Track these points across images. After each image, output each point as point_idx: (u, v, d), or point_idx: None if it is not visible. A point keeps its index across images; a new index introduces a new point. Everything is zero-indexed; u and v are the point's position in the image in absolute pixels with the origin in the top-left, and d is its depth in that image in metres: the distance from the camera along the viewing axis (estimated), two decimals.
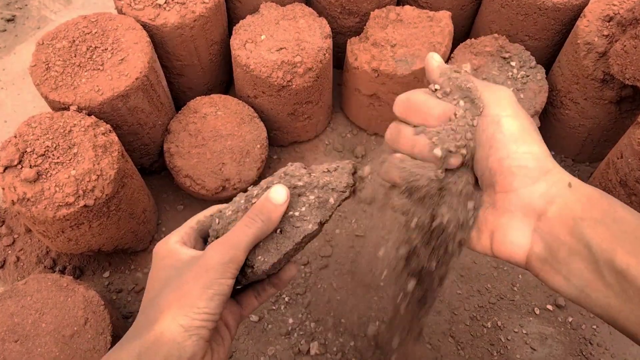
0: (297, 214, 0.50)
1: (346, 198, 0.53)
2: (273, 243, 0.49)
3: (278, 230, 0.50)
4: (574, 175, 1.07)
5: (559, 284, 0.41)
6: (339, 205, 0.53)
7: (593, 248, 0.39)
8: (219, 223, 0.51)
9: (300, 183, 0.51)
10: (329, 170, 0.53)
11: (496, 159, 0.42)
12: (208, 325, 0.44)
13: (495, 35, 0.93)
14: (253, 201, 0.50)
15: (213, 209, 0.54)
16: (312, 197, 0.51)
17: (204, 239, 0.54)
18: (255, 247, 0.49)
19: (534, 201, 0.41)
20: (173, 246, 0.50)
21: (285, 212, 0.49)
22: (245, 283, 0.52)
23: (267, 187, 0.50)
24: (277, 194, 0.48)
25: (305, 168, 0.52)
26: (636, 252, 0.37)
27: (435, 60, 0.49)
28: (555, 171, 0.41)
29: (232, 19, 0.97)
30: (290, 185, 0.50)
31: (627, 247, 0.38)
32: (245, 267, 0.49)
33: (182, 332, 0.43)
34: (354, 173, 0.54)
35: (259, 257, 0.49)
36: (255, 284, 0.55)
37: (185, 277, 0.45)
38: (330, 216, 0.52)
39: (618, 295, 0.38)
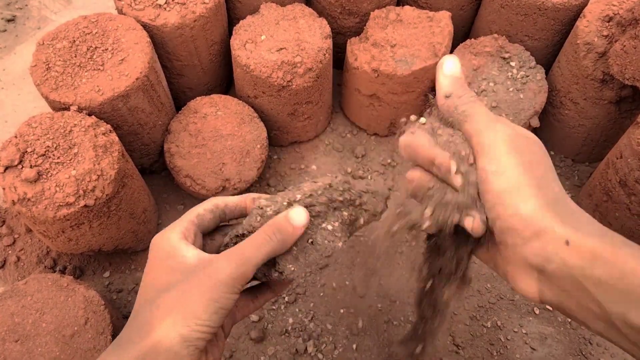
0: (329, 227, 0.50)
1: (373, 221, 0.54)
2: (303, 254, 0.49)
3: (309, 241, 0.49)
4: (574, 176, 1.06)
5: (579, 323, 0.41)
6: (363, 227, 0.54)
7: (602, 305, 0.37)
8: (235, 229, 0.51)
9: (340, 198, 0.50)
10: (367, 191, 0.53)
11: (490, 217, 0.42)
12: (206, 337, 0.43)
13: (495, 35, 0.93)
14: (269, 212, 0.49)
15: (212, 201, 0.52)
16: (345, 213, 0.51)
17: (203, 234, 0.52)
18: (288, 255, 0.48)
19: (529, 259, 0.40)
20: (176, 243, 0.47)
21: (320, 223, 0.49)
22: (262, 280, 0.52)
23: (289, 203, 0.49)
24: (298, 216, 0.47)
25: (348, 183, 0.52)
26: None
27: (444, 73, 0.46)
28: (550, 229, 0.39)
29: (232, 19, 0.97)
30: (331, 198, 0.50)
31: None
32: (273, 271, 0.49)
33: (180, 342, 0.42)
34: (388, 198, 0.55)
35: (290, 266, 0.49)
36: (254, 289, 0.55)
37: (190, 284, 0.44)
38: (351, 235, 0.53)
39: (635, 344, 0.37)
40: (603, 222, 0.88)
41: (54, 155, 0.70)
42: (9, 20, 1.21)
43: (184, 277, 0.44)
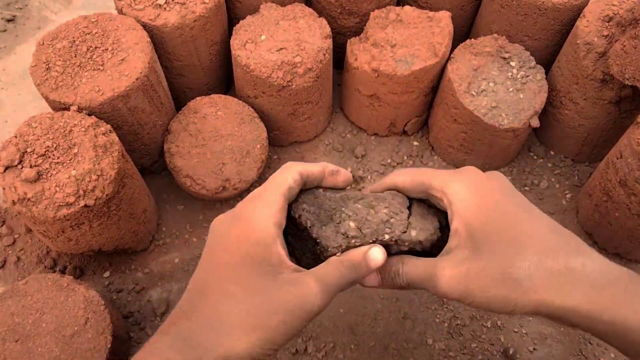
0: None
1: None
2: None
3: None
4: (574, 176, 1.06)
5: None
6: None
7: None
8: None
9: (387, 237, 0.49)
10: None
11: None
12: (271, 357, 0.41)
13: (495, 35, 0.93)
14: (353, 243, 0.48)
15: (296, 169, 0.47)
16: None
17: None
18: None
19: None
20: (270, 236, 0.42)
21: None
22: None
23: (375, 241, 0.48)
24: (376, 255, 0.46)
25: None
26: None
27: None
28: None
29: (232, 19, 0.97)
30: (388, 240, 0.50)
31: None
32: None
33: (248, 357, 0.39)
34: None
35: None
36: None
37: (274, 304, 0.40)
38: None
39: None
40: (603, 222, 0.88)
41: (54, 155, 0.70)
42: (9, 20, 1.21)
43: (266, 287, 0.41)
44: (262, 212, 0.44)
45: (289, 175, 0.47)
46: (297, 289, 0.41)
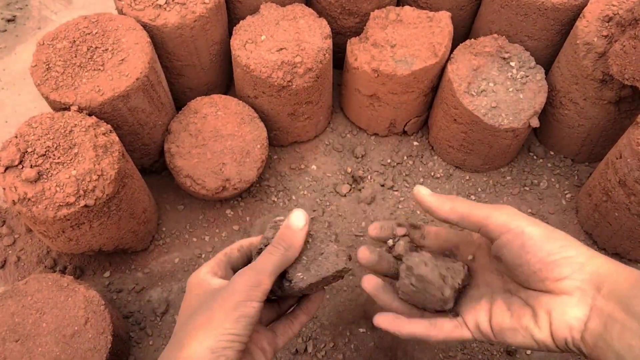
0: (336, 246, 0.54)
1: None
2: (315, 265, 0.52)
3: (321, 253, 0.53)
4: (574, 176, 1.07)
5: None
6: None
7: None
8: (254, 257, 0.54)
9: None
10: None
11: (538, 260, 0.48)
12: (235, 346, 0.45)
13: (495, 35, 0.93)
14: (280, 224, 0.53)
15: (238, 242, 0.57)
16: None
17: (233, 270, 0.56)
18: (298, 264, 0.51)
19: (585, 283, 0.46)
20: (204, 276, 0.52)
21: (330, 240, 0.54)
22: (280, 295, 0.55)
23: None
24: (297, 219, 0.50)
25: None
26: None
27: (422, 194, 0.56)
28: (597, 255, 0.47)
29: (232, 20, 0.97)
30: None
31: None
32: (284, 281, 0.52)
33: (208, 354, 0.44)
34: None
35: (299, 274, 0.52)
36: (290, 315, 0.59)
37: (213, 303, 0.47)
38: None
39: None
40: (602, 221, 0.88)
41: (54, 155, 0.70)
42: (9, 20, 1.21)
43: (208, 298, 0.48)
44: (200, 270, 0.54)
45: (230, 246, 0.57)
46: (225, 284, 0.50)
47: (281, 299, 0.60)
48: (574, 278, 0.47)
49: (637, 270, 0.46)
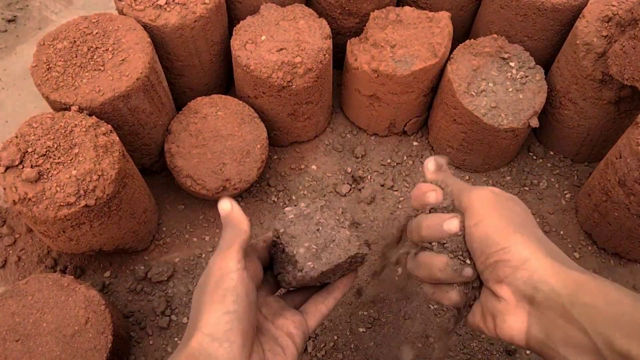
0: (348, 232, 0.54)
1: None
2: (327, 253, 0.52)
3: (333, 240, 0.53)
4: (573, 176, 1.06)
5: None
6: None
7: (589, 333, 0.39)
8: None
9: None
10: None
11: (484, 259, 0.46)
12: (234, 326, 0.44)
13: (495, 35, 0.93)
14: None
15: (263, 237, 0.57)
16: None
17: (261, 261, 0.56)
18: (307, 253, 0.52)
19: (520, 288, 0.43)
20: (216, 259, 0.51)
21: (341, 226, 0.54)
22: (297, 286, 0.55)
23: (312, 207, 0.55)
24: (223, 204, 0.51)
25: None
26: (635, 335, 0.37)
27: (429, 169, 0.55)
28: (535, 258, 0.43)
29: (233, 20, 0.97)
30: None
31: (626, 330, 0.37)
32: (297, 271, 0.52)
33: (210, 341, 0.43)
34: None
35: (309, 263, 0.52)
36: (321, 291, 0.58)
37: (202, 293, 0.47)
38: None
39: None
40: (602, 221, 0.88)
41: (54, 155, 0.70)
42: (9, 21, 1.21)
43: (204, 283, 0.48)
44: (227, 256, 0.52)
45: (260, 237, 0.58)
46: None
47: (304, 289, 0.59)
48: (508, 283, 0.44)
49: (577, 273, 0.42)
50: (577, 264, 0.45)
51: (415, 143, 1.04)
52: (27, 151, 0.70)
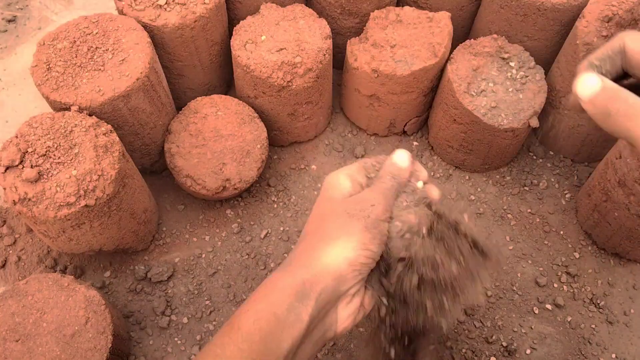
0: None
1: None
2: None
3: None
4: (573, 176, 1.06)
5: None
6: None
7: None
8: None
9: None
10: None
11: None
12: (369, 263, 0.47)
13: (495, 35, 0.93)
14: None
15: (373, 159, 0.57)
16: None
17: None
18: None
19: None
20: (343, 181, 0.52)
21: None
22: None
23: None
24: (400, 157, 0.53)
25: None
26: None
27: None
28: None
29: (233, 20, 0.98)
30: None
31: None
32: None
33: (347, 265, 0.46)
34: None
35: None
36: None
37: (352, 216, 0.48)
38: None
39: None
40: (602, 221, 0.88)
41: (54, 155, 0.70)
42: (9, 21, 1.21)
43: (345, 207, 0.49)
44: (341, 171, 0.54)
45: (365, 160, 0.57)
46: (358, 196, 0.51)
47: None
48: None
49: None
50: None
51: (415, 143, 1.04)
52: (27, 151, 0.70)
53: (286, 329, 0.44)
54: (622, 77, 0.47)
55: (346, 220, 0.48)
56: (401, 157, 0.53)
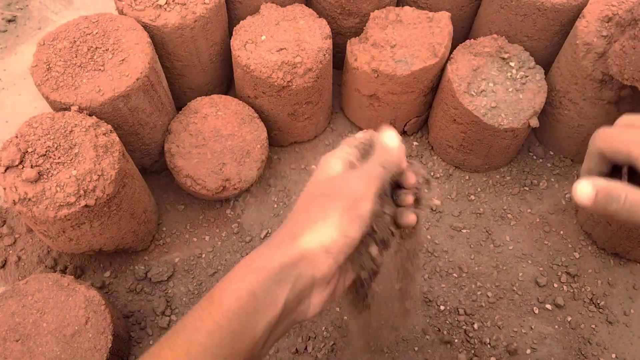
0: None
1: None
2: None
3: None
4: (573, 176, 1.06)
5: None
6: None
7: None
8: None
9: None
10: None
11: None
12: (346, 250, 0.45)
13: (495, 35, 0.93)
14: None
15: (359, 136, 0.56)
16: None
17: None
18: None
19: None
20: (334, 163, 0.51)
21: None
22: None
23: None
24: (392, 138, 0.52)
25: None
26: None
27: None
28: None
29: (233, 20, 0.98)
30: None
31: None
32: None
33: (322, 252, 0.44)
34: None
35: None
36: None
37: (330, 198, 0.47)
38: None
39: None
40: (602, 221, 0.88)
41: (54, 155, 0.70)
42: (9, 21, 1.21)
43: (327, 189, 0.48)
44: (334, 153, 0.54)
45: (350, 139, 0.57)
46: (342, 177, 0.50)
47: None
48: None
49: None
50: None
51: (415, 143, 1.04)
52: (27, 151, 0.70)
53: (262, 311, 0.44)
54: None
55: (325, 202, 0.46)
56: (390, 137, 0.53)
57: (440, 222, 0.95)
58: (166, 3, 0.84)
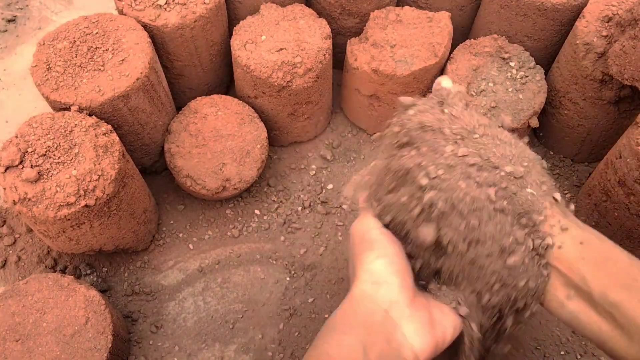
0: None
1: None
2: None
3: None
4: (573, 176, 1.07)
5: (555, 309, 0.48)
6: None
7: (588, 282, 0.45)
8: None
9: None
10: None
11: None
12: (389, 269, 0.48)
13: (495, 35, 0.93)
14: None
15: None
16: None
17: None
18: None
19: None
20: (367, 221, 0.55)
21: None
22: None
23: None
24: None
25: None
26: (627, 287, 0.43)
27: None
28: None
29: (233, 20, 0.97)
30: None
31: (620, 283, 0.44)
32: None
33: (370, 285, 0.48)
34: None
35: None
36: None
37: (354, 250, 0.52)
38: None
39: (610, 323, 0.44)
40: (602, 221, 0.88)
41: (54, 155, 0.70)
42: (9, 21, 1.21)
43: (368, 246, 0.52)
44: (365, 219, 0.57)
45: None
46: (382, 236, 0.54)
47: None
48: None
49: (590, 233, 0.48)
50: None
51: None
52: (27, 151, 0.70)
53: None
54: None
55: (351, 259, 0.52)
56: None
57: None
58: (166, 3, 0.84)
